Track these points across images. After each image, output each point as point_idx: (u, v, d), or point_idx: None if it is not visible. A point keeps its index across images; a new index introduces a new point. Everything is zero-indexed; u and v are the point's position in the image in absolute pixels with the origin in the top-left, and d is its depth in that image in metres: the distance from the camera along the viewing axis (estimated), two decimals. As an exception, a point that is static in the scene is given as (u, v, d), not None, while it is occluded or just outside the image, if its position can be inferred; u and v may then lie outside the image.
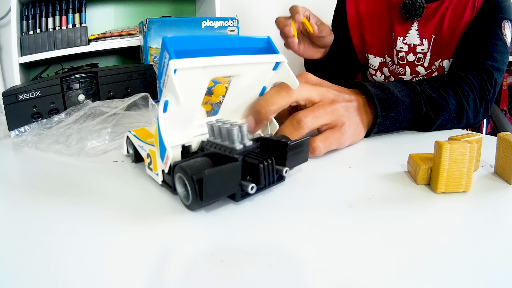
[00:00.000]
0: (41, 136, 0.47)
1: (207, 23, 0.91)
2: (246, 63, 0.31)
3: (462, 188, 0.30)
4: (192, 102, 0.30)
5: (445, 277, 0.20)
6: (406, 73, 0.76)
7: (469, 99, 0.53)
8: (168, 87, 0.26)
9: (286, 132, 0.38)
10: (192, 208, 0.28)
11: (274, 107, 0.36)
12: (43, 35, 1.16)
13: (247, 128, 0.30)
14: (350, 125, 0.41)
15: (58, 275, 0.21)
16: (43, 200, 0.31)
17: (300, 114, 0.38)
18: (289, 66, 0.34)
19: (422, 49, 0.72)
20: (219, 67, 0.29)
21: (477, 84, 0.56)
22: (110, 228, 0.26)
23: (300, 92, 0.38)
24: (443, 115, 0.48)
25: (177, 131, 0.31)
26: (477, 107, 0.55)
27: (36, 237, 0.25)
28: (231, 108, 0.36)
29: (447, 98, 0.49)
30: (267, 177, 0.29)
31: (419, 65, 0.74)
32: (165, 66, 0.27)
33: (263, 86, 0.36)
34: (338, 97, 0.42)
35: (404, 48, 0.74)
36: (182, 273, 0.21)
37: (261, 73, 0.34)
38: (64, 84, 0.59)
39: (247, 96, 0.36)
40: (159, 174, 0.31)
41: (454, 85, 0.52)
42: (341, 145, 0.41)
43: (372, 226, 0.26)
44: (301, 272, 0.21)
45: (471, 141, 0.31)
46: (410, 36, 0.73)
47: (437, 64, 0.72)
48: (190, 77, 0.28)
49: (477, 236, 0.24)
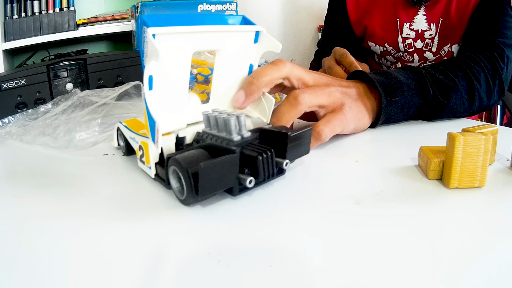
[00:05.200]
0: (26, 127, 0.47)
1: (204, 6, 0.90)
2: (224, 31, 0.32)
3: (476, 183, 0.30)
4: (177, 79, 0.31)
5: (458, 278, 0.20)
6: (414, 60, 0.76)
7: (480, 79, 0.53)
8: (149, 52, 0.27)
9: (283, 110, 0.38)
10: (187, 203, 0.28)
11: (266, 77, 0.36)
12: (28, 19, 1.15)
13: (245, 119, 0.30)
14: (350, 107, 0.41)
15: (44, 275, 0.21)
16: (28, 195, 0.31)
17: (297, 91, 0.39)
18: None
19: (430, 34, 0.72)
20: (197, 34, 0.30)
21: (487, 63, 0.56)
22: (99, 225, 0.26)
23: (292, 69, 0.39)
24: (453, 97, 0.48)
25: (168, 114, 0.31)
26: (490, 86, 0.55)
27: (20, 235, 0.25)
28: (222, 92, 0.36)
29: (455, 79, 0.49)
30: (266, 170, 0.28)
31: (427, 51, 0.74)
32: (145, 39, 0.28)
33: (250, 63, 0.37)
34: (333, 82, 0.42)
35: (412, 35, 0.73)
36: (176, 275, 0.21)
37: (242, 46, 0.35)
38: (50, 72, 0.58)
39: (235, 76, 0.36)
40: (151, 168, 0.31)
41: (462, 65, 0.52)
42: (345, 127, 0.41)
43: (380, 224, 0.26)
44: (304, 273, 0.21)
45: (486, 133, 0.31)
46: (417, 22, 0.72)
47: (446, 49, 0.72)
48: (170, 45, 0.28)
49: (493, 234, 0.24)
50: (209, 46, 0.32)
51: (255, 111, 0.38)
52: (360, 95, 0.43)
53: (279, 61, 0.38)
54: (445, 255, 0.22)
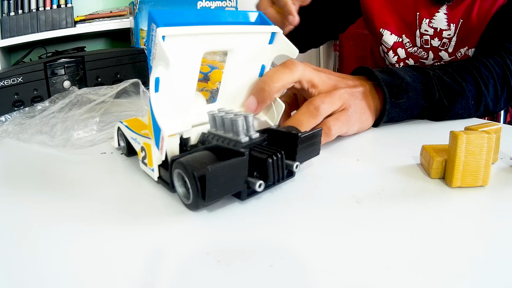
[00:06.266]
0: (23, 125, 0.46)
1: (203, 2, 0.90)
2: (239, 32, 0.30)
3: (479, 182, 0.30)
4: (185, 80, 0.30)
5: (460, 279, 0.20)
6: (429, 57, 0.74)
7: (488, 85, 0.52)
8: (157, 56, 0.26)
9: (303, 119, 0.38)
10: (193, 208, 0.27)
11: (278, 83, 0.35)
12: (25, 16, 1.14)
13: (253, 119, 0.29)
14: (355, 110, 0.42)
15: (41, 277, 0.21)
16: (24, 196, 0.31)
17: (317, 100, 0.38)
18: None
19: (448, 34, 0.70)
20: (210, 36, 0.28)
21: (499, 69, 0.55)
22: (97, 227, 0.26)
23: (303, 72, 0.39)
24: (459, 103, 0.48)
25: (173, 116, 0.30)
26: (498, 94, 0.54)
27: (16, 236, 0.25)
28: (230, 92, 0.35)
29: (463, 84, 0.49)
30: (276, 172, 0.27)
31: (442, 50, 0.72)
32: (153, 38, 0.26)
33: (262, 64, 0.35)
34: (340, 83, 0.42)
35: (429, 32, 0.71)
36: (175, 275, 0.21)
37: (257, 47, 0.33)
38: (48, 69, 0.58)
39: (246, 77, 0.35)
40: (154, 170, 0.30)
41: (472, 70, 0.51)
42: (349, 128, 0.41)
43: (382, 223, 0.25)
44: (305, 273, 0.21)
45: (489, 131, 0.31)
46: (437, 20, 0.70)
47: (462, 52, 0.70)
48: (180, 47, 0.27)
49: (496, 234, 0.24)
50: (222, 46, 0.31)
51: (264, 115, 0.37)
52: (365, 95, 0.43)
53: (291, 64, 0.38)
54: (448, 255, 0.22)
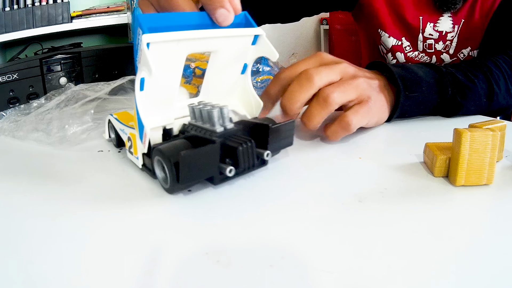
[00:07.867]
0: (19, 123, 0.46)
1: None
2: (222, 36, 0.32)
3: (483, 181, 0.30)
4: (169, 80, 0.32)
5: (465, 279, 0.20)
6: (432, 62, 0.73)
7: (499, 83, 0.52)
8: (142, 61, 0.28)
9: (313, 111, 0.38)
10: (171, 191, 0.30)
11: (298, 104, 0.38)
12: (21, 11, 1.14)
13: (228, 111, 0.32)
14: (375, 101, 0.42)
15: (37, 273, 0.21)
16: (21, 194, 0.31)
17: (327, 91, 0.38)
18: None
19: (451, 36, 0.69)
20: (194, 41, 0.30)
21: (508, 68, 0.55)
22: (93, 223, 0.26)
23: (321, 80, 0.39)
24: (471, 99, 0.48)
25: (157, 112, 0.32)
26: (510, 91, 0.54)
27: (11, 233, 0.25)
28: (213, 87, 0.37)
29: (476, 81, 0.49)
30: (246, 160, 0.30)
31: (444, 52, 0.71)
32: (139, 42, 0.28)
33: (244, 63, 0.37)
34: (359, 73, 0.42)
35: (434, 36, 0.69)
36: (173, 275, 0.21)
37: (240, 48, 0.35)
38: (44, 65, 0.58)
39: (228, 73, 0.37)
40: (139, 158, 0.33)
41: (483, 68, 0.52)
42: (370, 121, 0.41)
43: (384, 223, 0.25)
44: (306, 274, 0.21)
45: (493, 128, 0.30)
46: (442, 22, 0.68)
47: (465, 53, 0.69)
48: (164, 52, 0.29)
49: (501, 233, 0.24)
50: (205, 48, 0.33)
51: (243, 108, 0.39)
52: (381, 88, 0.44)
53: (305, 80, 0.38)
54: (452, 254, 0.22)
